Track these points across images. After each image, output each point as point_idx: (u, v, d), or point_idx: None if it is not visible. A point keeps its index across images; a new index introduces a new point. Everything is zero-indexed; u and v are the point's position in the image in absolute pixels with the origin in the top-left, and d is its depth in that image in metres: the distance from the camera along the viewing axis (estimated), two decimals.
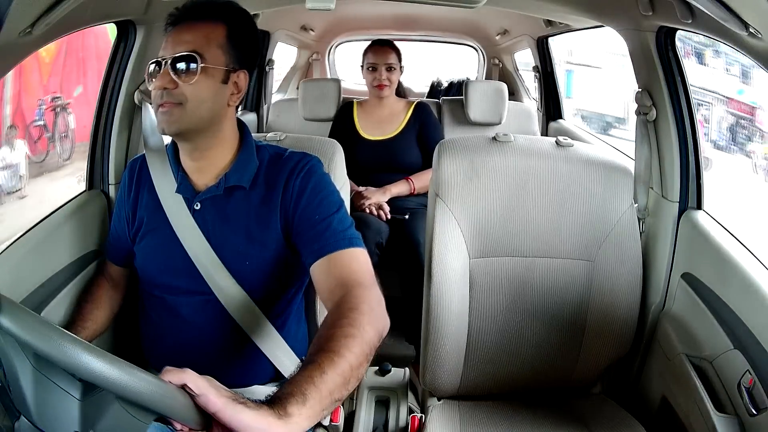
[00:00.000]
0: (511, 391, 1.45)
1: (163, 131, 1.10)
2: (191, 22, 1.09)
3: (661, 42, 1.41)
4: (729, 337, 1.22)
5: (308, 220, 1.10)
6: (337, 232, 1.07)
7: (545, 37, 2.93)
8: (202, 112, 1.08)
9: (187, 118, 1.07)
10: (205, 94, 1.08)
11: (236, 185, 1.13)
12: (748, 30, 0.91)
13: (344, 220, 1.11)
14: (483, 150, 1.38)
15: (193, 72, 1.06)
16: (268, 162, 1.17)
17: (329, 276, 1.03)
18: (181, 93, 1.06)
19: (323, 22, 3.40)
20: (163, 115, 1.08)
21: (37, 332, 0.70)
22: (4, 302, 0.70)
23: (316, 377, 0.75)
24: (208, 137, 1.13)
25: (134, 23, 1.45)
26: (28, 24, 0.96)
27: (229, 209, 1.14)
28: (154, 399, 0.70)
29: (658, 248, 1.48)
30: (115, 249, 1.27)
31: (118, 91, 1.49)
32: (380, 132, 2.41)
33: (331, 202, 1.12)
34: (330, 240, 1.06)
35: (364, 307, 0.92)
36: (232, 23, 1.12)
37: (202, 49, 1.07)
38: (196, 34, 1.08)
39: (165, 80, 1.06)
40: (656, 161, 1.51)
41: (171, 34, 1.10)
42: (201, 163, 1.15)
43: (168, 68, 1.06)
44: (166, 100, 1.06)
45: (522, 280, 1.38)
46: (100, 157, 1.52)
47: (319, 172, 1.15)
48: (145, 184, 1.20)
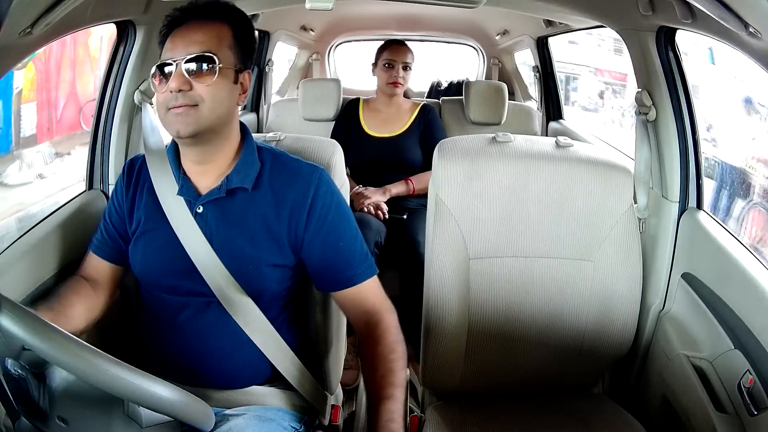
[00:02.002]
0: (510, 391, 1.45)
1: (178, 134, 1.07)
2: (199, 22, 1.08)
3: (661, 42, 1.41)
4: (729, 337, 1.22)
5: (332, 249, 1.15)
6: (362, 263, 1.17)
7: (545, 37, 2.93)
8: (218, 112, 1.08)
9: (204, 119, 1.06)
10: (222, 95, 1.07)
11: (238, 186, 1.13)
12: (748, 30, 0.91)
13: (363, 245, 1.18)
14: (483, 150, 1.38)
15: (210, 72, 1.05)
16: (272, 165, 1.16)
17: (359, 305, 1.17)
18: (197, 94, 1.05)
19: (323, 22, 3.41)
20: (177, 116, 1.05)
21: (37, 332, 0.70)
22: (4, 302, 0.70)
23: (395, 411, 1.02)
24: (218, 139, 1.12)
25: (134, 23, 1.45)
26: (28, 24, 0.95)
27: (232, 211, 1.13)
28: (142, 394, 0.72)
29: (658, 248, 1.48)
30: (105, 245, 1.22)
31: (118, 91, 1.49)
32: (385, 130, 2.42)
33: (353, 230, 1.18)
34: (357, 271, 1.16)
35: (394, 330, 1.14)
36: (236, 23, 1.11)
37: (215, 50, 1.06)
38: (208, 34, 1.07)
39: (180, 81, 1.04)
40: (656, 161, 1.51)
41: (177, 35, 1.08)
42: (205, 166, 1.14)
43: (182, 69, 1.05)
44: (182, 102, 1.05)
45: (522, 281, 1.37)
46: (100, 157, 1.52)
47: (335, 192, 1.18)
48: (144, 185, 1.19)
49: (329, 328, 1.31)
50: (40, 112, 3.05)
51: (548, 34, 2.83)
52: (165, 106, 1.07)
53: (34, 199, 2.28)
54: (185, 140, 1.10)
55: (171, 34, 1.09)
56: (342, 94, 2.78)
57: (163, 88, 1.07)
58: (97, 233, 1.24)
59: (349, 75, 4.14)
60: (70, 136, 3.28)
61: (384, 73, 2.41)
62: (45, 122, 3.07)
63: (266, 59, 3.04)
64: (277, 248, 1.12)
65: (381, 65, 2.42)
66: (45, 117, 3.07)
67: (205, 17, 1.09)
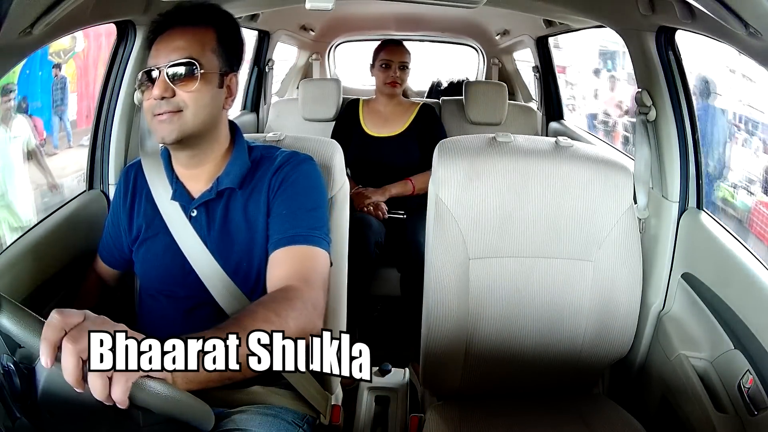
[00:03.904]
0: (511, 391, 1.45)
1: (163, 140, 1.08)
2: (181, 27, 1.08)
3: (661, 42, 1.41)
4: (729, 337, 1.22)
5: (279, 210, 1.10)
6: (305, 228, 1.08)
7: (545, 37, 2.93)
8: (202, 117, 1.08)
9: (188, 125, 1.07)
10: (205, 100, 1.07)
11: (227, 187, 1.13)
12: (748, 30, 0.91)
13: (318, 218, 1.11)
14: (483, 150, 1.38)
15: (192, 78, 1.05)
16: (259, 162, 1.17)
17: (281, 267, 1.05)
18: (180, 100, 1.05)
19: (323, 22, 3.40)
20: (161, 123, 1.06)
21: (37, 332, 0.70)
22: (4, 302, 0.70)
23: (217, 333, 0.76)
24: (205, 143, 1.12)
25: (134, 23, 1.45)
26: (28, 24, 0.95)
27: (222, 212, 1.14)
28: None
29: (658, 248, 1.48)
30: (109, 253, 1.27)
31: (118, 92, 1.49)
32: (384, 129, 2.43)
33: (307, 198, 1.12)
34: (294, 232, 1.07)
35: (298, 303, 0.93)
36: (220, 26, 1.11)
37: (198, 55, 1.06)
38: (190, 39, 1.07)
39: (162, 88, 1.04)
40: (656, 161, 1.51)
41: (161, 41, 1.08)
42: (195, 170, 1.15)
43: (164, 76, 1.05)
44: (165, 109, 1.05)
45: (522, 281, 1.37)
46: (100, 158, 1.52)
47: (305, 168, 1.15)
48: (142, 192, 1.20)
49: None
50: (80, 102, 3.67)
51: (548, 34, 2.83)
52: (151, 112, 1.08)
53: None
54: (171, 146, 1.11)
55: (156, 40, 1.09)
56: (342, 94, 2.78)
57: (149, 94, 1.07)
58: (102, 238, 1.28)
59: (349, 74, 4.15)
60: None
61: (381, 74, 2.42)
62: (84, 110, 3.67)
63: (266, 59, 3.04)
64: (261, 239, 1.13)
65: (378, 65, 2.42)
66: (84, 106, 3.66)
67: (189, 22, 1.09)
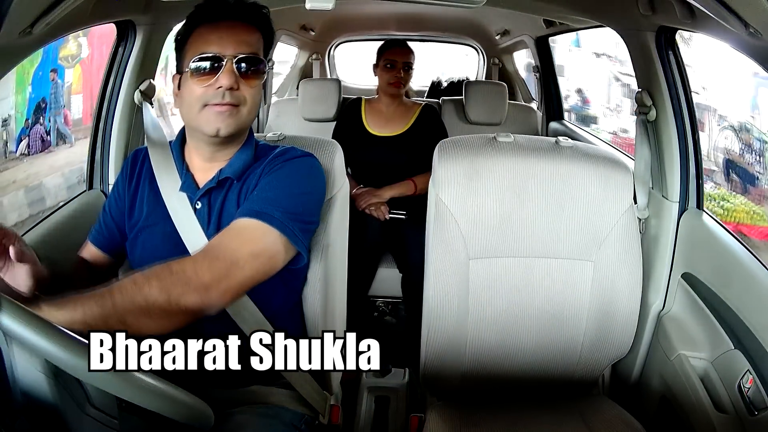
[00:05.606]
0: (510, 391, 1.45)
1: (217, 132, 1.05)
2: (243, 22, 1.07)
3: (661, 42, 1.41)
4: (729, 337, 1.22)
5: (257, 191, 1.07)
6: (270, 209, 1.01)
7: (545, 36, 2.93)
8: (253, 115, 1.09)
9: (242, 120, 1.07)
10: (258, 98, 1.09)
11: (227, 177, 1.13)
12: (748, 30, 0.91)
13: (296, 207, 1.05)
14: (483, 150, 1.38)
15: (258, 75, 1.06)
16: (261, 157, 1.17)
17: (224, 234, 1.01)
18: (242, 95, 1.05)
19: (323, 22, 3.40)
20: (219, 115, 1.04)
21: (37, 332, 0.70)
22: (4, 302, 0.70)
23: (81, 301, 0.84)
24: (240, 139, 1.13)
25: (134, 23, 1.45)
26: (28, 24, 0.95)
27: (220, 203, 1.13)
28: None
29: (658, 248, 1.48)
30: (102, 236, 1.23)
31: (118, 91, 1.49)
32: (386, 129, 2.43)
33: (282, 183, 1.06)
34: (255, 208, 1.02)
35: (175, 267, 0.92)
36: (265, 30, 1.12)
37: (260, 53, 1.07)
38: (254, 36, 1.07)
39: (232, 79, 1.03)
40: (656, 161, 1.51)
41: (221, 30, 1.05)
42: (214, 163, 1.15)
43: (233, 66, 1.03)
44: (229, 101, 1.03)
45: (522, 281, 1.37)
46: (99, 157, 1.52)
47: (298, 162, 1.12)
48: (147, 178, 1.19)
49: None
50: (86, 102, 4.00)
51: (548, 34, 2.83)
52: (203, 102, 1.05)
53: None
54: (218, 139, 1.08)
55: (213, 25, 1.06)
56: (342, 94, 2.77)
57: (204, 81, 1.04)
58: (96, 224, 1.24)
59: (349, 73, 4.15)
60: None
61: (385, 74, 2.41)
62: (89, 109, 3.93)
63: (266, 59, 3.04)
64: None
65: (382, 65, 2.42)
66: (89, 105, 3.93)
67: (248, 19, 1.08)
